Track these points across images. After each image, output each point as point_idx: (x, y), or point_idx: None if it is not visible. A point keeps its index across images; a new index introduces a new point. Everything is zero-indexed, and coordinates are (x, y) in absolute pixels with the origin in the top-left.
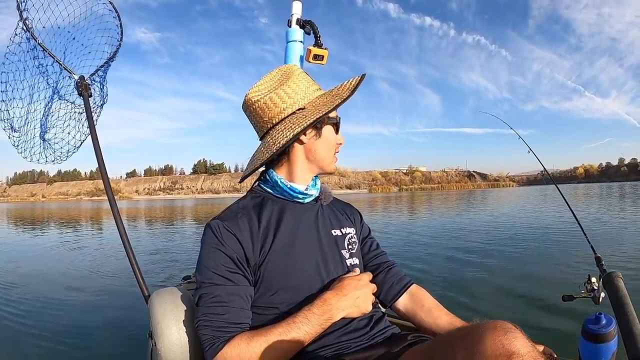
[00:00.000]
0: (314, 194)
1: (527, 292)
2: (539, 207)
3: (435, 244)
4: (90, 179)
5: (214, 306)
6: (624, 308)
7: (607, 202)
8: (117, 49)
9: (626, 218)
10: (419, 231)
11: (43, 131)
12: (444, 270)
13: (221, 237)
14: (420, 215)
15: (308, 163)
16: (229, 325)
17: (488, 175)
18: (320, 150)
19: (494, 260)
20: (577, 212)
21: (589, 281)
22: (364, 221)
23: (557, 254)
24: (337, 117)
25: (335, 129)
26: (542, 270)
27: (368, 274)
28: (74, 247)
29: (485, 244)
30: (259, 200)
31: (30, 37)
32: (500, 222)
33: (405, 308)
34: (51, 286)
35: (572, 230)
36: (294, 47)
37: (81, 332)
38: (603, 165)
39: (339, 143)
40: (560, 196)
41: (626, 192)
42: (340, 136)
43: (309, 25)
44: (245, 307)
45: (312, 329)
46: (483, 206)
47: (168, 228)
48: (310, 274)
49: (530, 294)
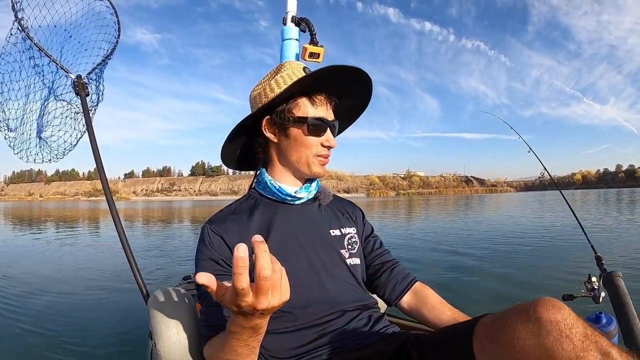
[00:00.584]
0: (304, 197)
1: (527, 292)
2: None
3: (433, 244)
4: (88, 179)
5: (205, 307)
6: (624, 307)
7: (606, 207)
8: (115, 46)
9: (623, 220)
10: (416, 233)
11: (39, 130)
12: (443, 270)
13: (209, 240)
14: (416, 218)
15: (284, 165)
16: (214, 325)
17: (486, 180)
18: (290, 151)
19: (493, 260)
20: (577, 214)
21: (590, 280)
22: (366, 220)
23: (557, 253)
24: (314, 118)
25: (315, 130)
26: (542, 270)
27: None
28: (73, 248)
29: (484, 244)
30: (251, 202)
31: (26, 38)
32: (500, 222)
33: (409, 305)
34: (50, 287)
35: (572, 229)
36: (290, 45)
37: (81, 333)
38: (601, 171)
39: (326, 145)
40: (559, 200)
41: (623, 198)
42: (325, 138)
43: (304, 23)
44: None
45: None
46: (480, 211)
47: (167, 229)
48: (306, 273)
49: (530, 293)
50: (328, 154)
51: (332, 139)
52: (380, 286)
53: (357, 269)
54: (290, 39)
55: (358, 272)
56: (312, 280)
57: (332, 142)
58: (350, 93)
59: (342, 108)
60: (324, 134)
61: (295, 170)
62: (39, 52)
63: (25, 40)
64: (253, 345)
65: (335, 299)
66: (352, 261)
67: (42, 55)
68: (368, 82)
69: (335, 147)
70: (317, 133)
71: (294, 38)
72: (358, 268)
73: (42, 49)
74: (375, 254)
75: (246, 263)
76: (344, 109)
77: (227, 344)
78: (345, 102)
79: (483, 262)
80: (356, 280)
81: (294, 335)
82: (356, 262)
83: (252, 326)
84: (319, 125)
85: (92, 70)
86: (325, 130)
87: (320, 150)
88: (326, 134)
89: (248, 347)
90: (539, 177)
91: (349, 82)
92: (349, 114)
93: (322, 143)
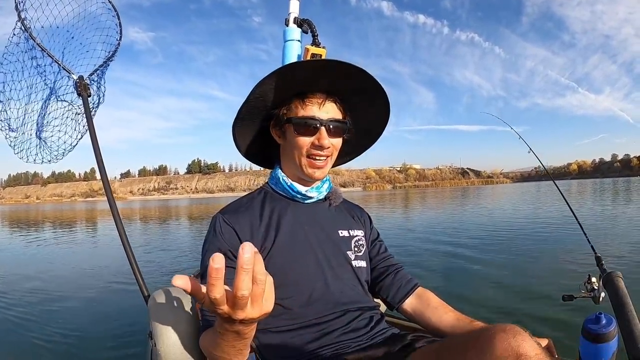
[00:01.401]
0: (314, 197)
1: (527, 292)
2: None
3: (431, 243)
4: (84, 180)
5: None
6: (624, 308)
7: (601, 196)
8: (117, 48)
9: (619, 210)
10: (414, 229)
11: (39, 131)
12: (442, 270)
13: (220, 230)
14: (414, 212)
15: (289, 165)
16: (211, 319)
17: (482, 172)
18: (288, 152)
19: (492, 260)
20: (574, 208)
21: (589, 281)
22: (373, 224)
23: (556, 253)
24: (299, 118)
25: (302, 130)
26: (542, 270)
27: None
28: (72, 248)
29: (483, 245)
30: (263, 196)
31: (29, 37)
32: (498, 220)
33: (412, 309)
34: (50, 287)
35: (572, 229)
36: (292, 46)
37: (81, 333)
38: (597, 161)
39: (317, 145)
40: (555, 193)
41: (619, 188)
42: (316, 137)
43: (306, 24)
44: None
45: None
46: (477, 203)
47: (166, 228)
48: (311, 271)
49: (530, 293)
50: (319, 154)
51: (323, 138)
52: (384, 289)
53: (361, 271)
54: (293, 40)
55: (362, 275)
56: (316, 278)
57: (322, 142)
58: (357, 91)
59: (361, 108)
60: (315, 133)
61: (295, 170)
62: (42, 52)
63: (28, 40)
64: (239, 347)
65: (338, 299)
66: (357, 263)
67: (44, 56)
68: (362, 75)
69: (327, 147)
70: (306, 133)
71: (296, 39)
72: (363, 270)
73: (44, 49)
74: (379, 257)
75: (221, 274)
76: (365, 108)
77: (215, 340)
78: (355, 100)
79: (482, 261)
80: (360, 282)
81: (294, 334)
82: (361, 264)
83: (236, 331)
84: (305, 124)
85: (94, 71)
86: (316, 130)
87: (310, 150)
88: (318, 133)
89: (234, 349)
90: (535, 168)
91: (340, 78)
92: (375, 114)
93: (313, 142)
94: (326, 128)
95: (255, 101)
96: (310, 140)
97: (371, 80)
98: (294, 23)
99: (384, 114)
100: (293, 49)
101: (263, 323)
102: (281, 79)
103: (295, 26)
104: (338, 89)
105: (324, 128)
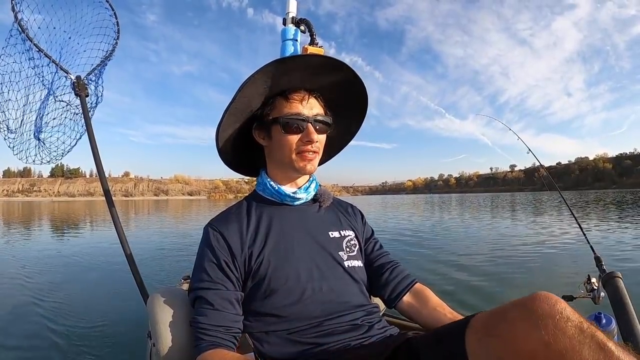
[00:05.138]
0: (303, 198)
1: (527, 292)
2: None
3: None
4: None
5: (203, 308)
6: (623, 308)
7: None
8: (114, 47)
9: None
10: None
11: (38, 131)
12: (441, 270)
13: (211, 241)
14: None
15: (276, 167)
16: (212, 328)
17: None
18: (276, 152)
19: (491, 260)
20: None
21: (589, 281)
22: (366, 221)
23: (556, 253)
24: (285, 116)
25: (290, 128)
26: (541, 271)
27: None
28: (71, 248)
29: (482, 245)
30: (252, 204)
31: (26, 39)
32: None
33: (409, 306)
34: (48, 287)
35: (572, 229)
36: (289, 46)
37: (80, 333)
38: (428, 179)
39: (306, 141)
40: (442, 202)
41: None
42: (305, 133)
43: (304, 24)
44: (232, 310)
45: None
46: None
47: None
48: (303, 274)
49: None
50: (310, 149)
51: (311, 133)
52: (380, 287)
53: (355, 271)
54: (290, 40)
55: (357, 274)
56: (308, 281)
57: (311, 137)
58: (333, 84)
59: (340, 100)
60: (302, 130)
61: (285, 170)
62: (39, 53)
63: (25, 41)
64: None
65: (332, 300)
66: (350, 263)
67: (41, 56)
68: (342, 69)
69: (316, 141)
70: (294, 130)
71: (294, 39)
72: (357, 270)
73: (41, 49)
74: (375, 255)
75: None
76: (343, 101)
77: None
78: (332, 93)
79: (481, 262)
80: (354, 282)
81: (290, 337)
82: (355, 264)
83: None
84: (292, 122)
85: (92, 71)
86: (303, 127)
87: (301, 147)
88: (306, 129)
89: None
90: (382, 184)
91: (316, 72)
92: (353, 105)
93: (301, 139)
94: (312, 125)
95: (240, 104)
96: (298, 137)
97: (349, 71)
98: (291, 23)
99: (361, 108)
100: (290, 49)
101: (261, 326)
102: (270, 77)
103: (292, 26)
104: (321, 85)
105: (310, 125)
